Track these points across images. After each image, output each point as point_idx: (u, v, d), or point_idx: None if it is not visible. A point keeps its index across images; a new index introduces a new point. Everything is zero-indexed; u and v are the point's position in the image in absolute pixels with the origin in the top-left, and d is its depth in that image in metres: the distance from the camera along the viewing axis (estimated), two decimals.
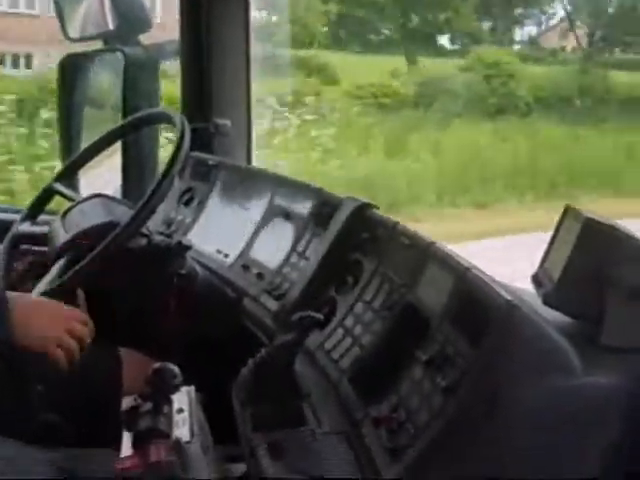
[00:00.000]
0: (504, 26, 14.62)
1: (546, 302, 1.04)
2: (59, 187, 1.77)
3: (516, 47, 14.52)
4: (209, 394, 1.33)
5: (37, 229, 1.71)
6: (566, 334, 0.98)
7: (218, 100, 2.09)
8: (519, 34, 15.09)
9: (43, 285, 1.47)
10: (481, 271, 1.08)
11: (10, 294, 1.28)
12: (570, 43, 13.90)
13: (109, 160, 2.17)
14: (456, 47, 14.44)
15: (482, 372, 0.95)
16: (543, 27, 14.92)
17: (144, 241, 1.53)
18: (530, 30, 14.90)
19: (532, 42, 14.62)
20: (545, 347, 0.95)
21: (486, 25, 14.75)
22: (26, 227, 1.72)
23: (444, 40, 14.64)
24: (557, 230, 1.12)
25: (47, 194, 1.78)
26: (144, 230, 1.53)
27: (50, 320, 1.27)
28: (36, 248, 1.64)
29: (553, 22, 14.80)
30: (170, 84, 2.76)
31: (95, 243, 1.47)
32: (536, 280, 1.11)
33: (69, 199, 1.72)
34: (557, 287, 1.04)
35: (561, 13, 14.39)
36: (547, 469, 0.94)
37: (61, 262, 1.52)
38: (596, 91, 11.59)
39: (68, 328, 1.28)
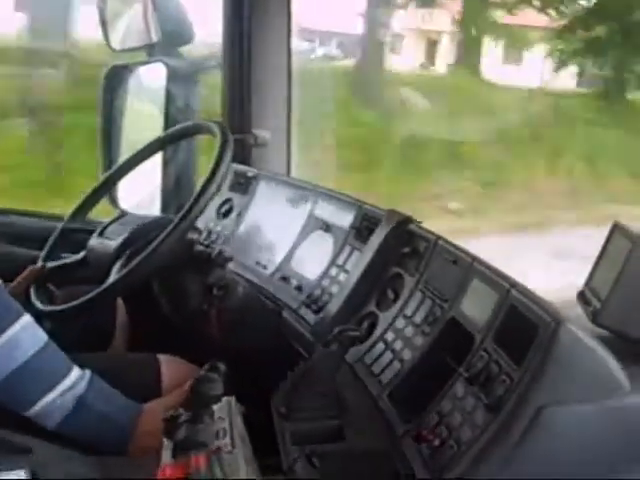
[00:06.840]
0: None
1: (594, 321, 1.02)
2: (73, 226, 1.70)
3: None
4: (248, 405, 1.33)
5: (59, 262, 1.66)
6: (614, 352, 0.97)
7: (258, 111, 2.09)
8: None
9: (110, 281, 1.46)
10: (526, 287, 1.07)
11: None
12: None
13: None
14: None
15: (526, 390, 0.93)
16: None
17: (187, 248, 1.53)
18: None
19: None
20: (592, 365, 0.94)
21: None
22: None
23: None
24: (605, 247, 1.10)
25: (63, 235, 1.69)
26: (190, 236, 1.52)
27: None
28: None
29: None
30: None
31: (154, 237, 1.45)
32: (582, 298, 1.10)
33: (87, 232, 1.68)
34: (605, 305, 1.02)
35: None
36: None
37: (122, 259, 1.53)
38: None
39: None
